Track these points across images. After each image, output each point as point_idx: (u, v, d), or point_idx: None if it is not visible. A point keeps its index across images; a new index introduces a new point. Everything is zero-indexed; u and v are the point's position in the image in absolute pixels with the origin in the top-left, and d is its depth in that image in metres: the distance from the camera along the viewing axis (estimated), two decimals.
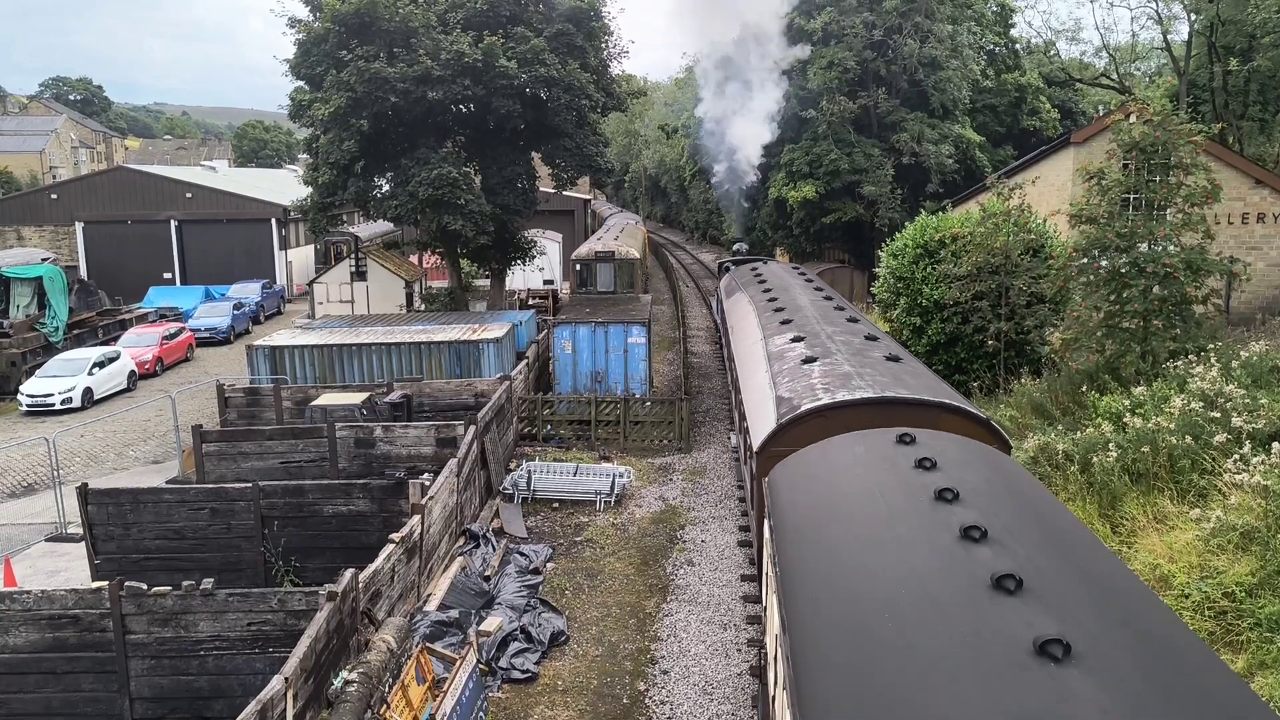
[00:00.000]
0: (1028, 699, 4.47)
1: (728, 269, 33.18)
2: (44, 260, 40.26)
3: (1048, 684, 4.50)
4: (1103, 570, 6.09)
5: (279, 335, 26.58)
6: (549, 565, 16.05)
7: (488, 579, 14.95)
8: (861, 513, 7.47)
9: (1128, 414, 14.82)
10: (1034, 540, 6.38)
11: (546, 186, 33.68)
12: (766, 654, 8.94)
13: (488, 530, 16.69)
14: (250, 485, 14.94)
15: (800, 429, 11.03)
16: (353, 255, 38.33)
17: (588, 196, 56.30)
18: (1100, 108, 49.04)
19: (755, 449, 11.71)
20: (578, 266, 33.00)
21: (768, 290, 22.29)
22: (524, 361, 24.87)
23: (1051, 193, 27.66)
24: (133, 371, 31.24)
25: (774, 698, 7.40)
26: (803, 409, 11.36)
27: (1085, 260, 18.85)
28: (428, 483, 15.09)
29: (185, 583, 11.30)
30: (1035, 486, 8.13)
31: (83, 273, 47.70)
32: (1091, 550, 6.51)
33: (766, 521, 9.08)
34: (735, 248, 38.75)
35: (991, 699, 4.44)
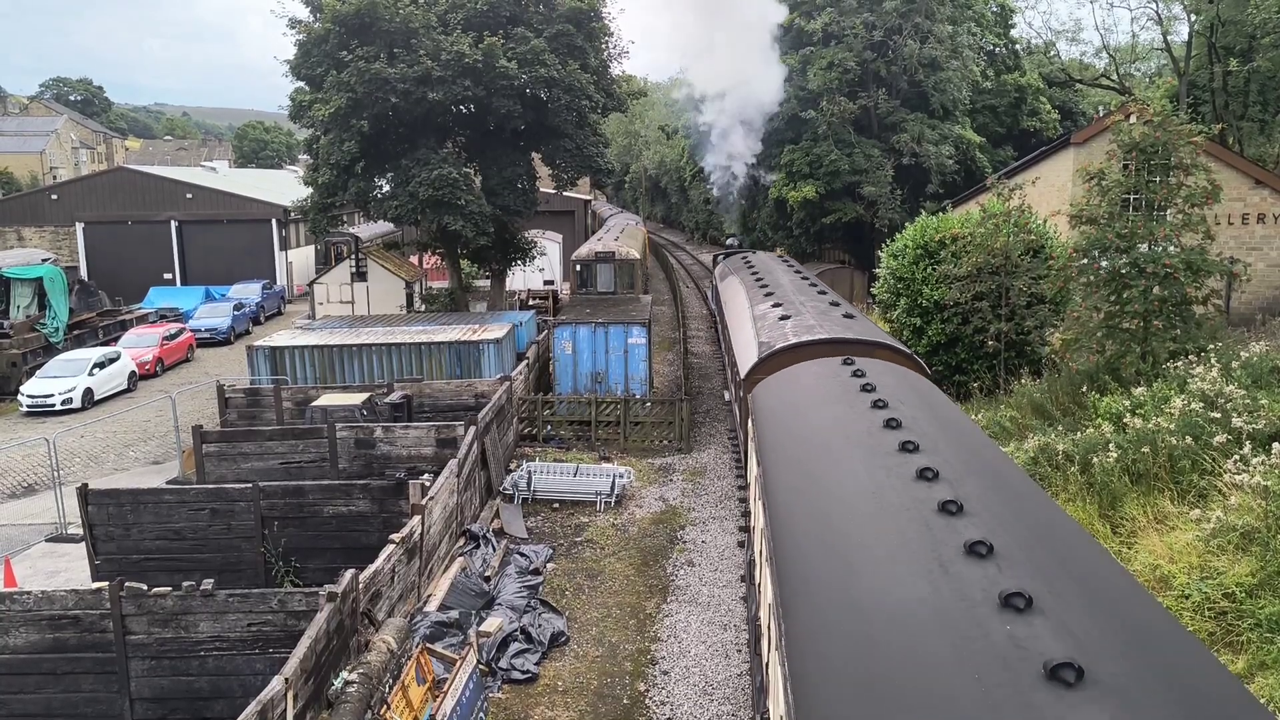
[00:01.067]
0: (893, 467, 7.84)
1: (721, 258, 37.33)
2: (44, 261, 40.29)
3: (907, 458, 7.90)
4: (950, 420, 9.94)
5: (279, 336, 26.58)
6: (549, 566, 16.05)
7: (488, 579, 14.95)
8: (812, 403, 11.19)
9: (1128, 414, 14.83)
10: (915, 407, 10.04)
11: (547, 187, 33.69)
12: (749, 492, 13.53)
13: (488, 531, 16.69)
14: (250, 486, 14.94)
15: (775, 360, 14.40)
16: (353, 256, 38.34)
17: (588, 197, 56.33)
18: (1100, 108, 49.02)
19: (743, 376, 15.42)
20: (578, 267, 33.00)
21: (755, 273, 25.98)
22: (524, 362, 24.88)
23: (1052, 193, 27.67)
24: (133, 372, 31.24)
25: (753, 512, 11.76)
26: (777, 347, 14.94)
27: (1085, 261, 18.85)
28: (428, 483, 15.10)
29: (185, 583, 11.30)
30: (928, 386, 12.11)
31: (83, 273, 47.70)
32: (951, 412, 10.53)
33: (750, 420, 12.80)
34: (728, 242, 43.98)
35: (869, 470, 7.90)
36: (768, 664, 7.26)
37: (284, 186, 56.37)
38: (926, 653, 5.15)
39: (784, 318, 17.13)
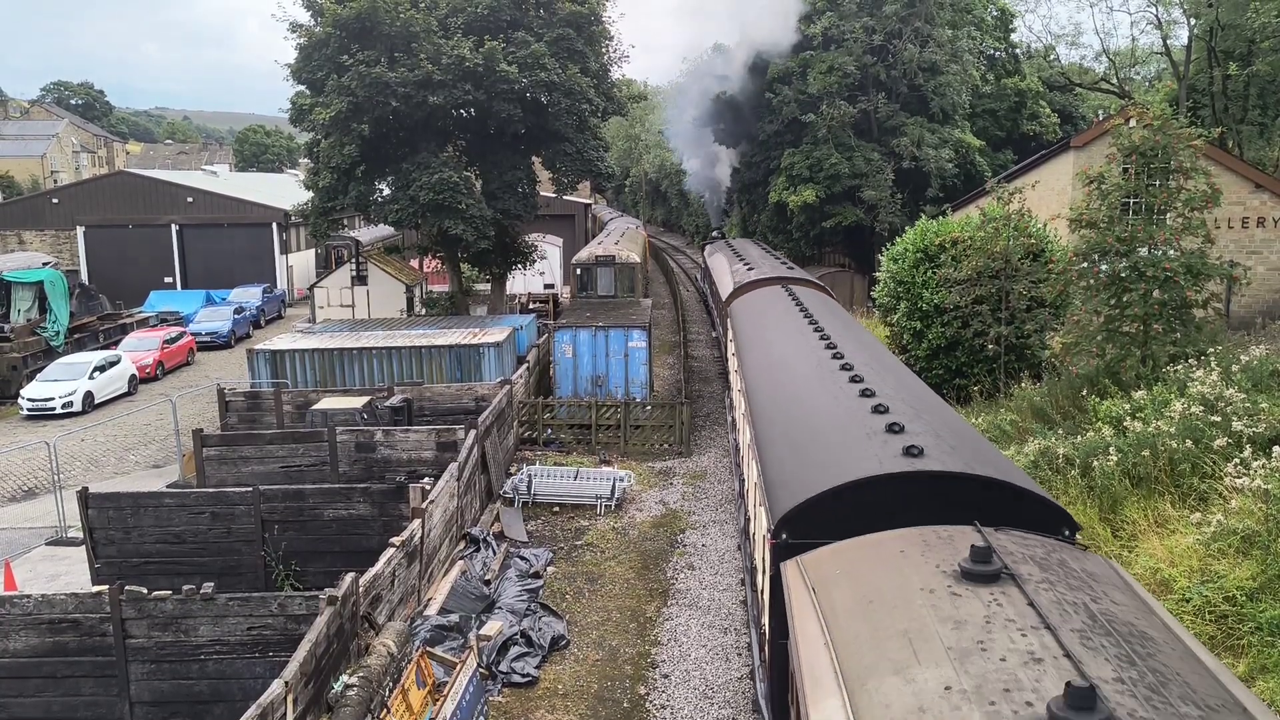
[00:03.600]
0: (803, 329, 16.10)
1: (708, 243, 50.68)
2: (45, 264, 40.35)
3: (813, 329, 15.68)
4: (834, 309, 20.23)
5: (280, 339, 26.58)
6: (549, 569, 16.04)
7: (488, 583, 14.94)
8: (765, 310, 19.76)
9: (1128, 418, 14.83)
10: (817, 304, 19.57)
11: (547, 191, 33.70)
12: (728, 368, 22.53)
13: (488, 534, 16.69)
14: (251, 489, 14.94)
15: (743, 289, 24.42)
16: (353, 259, 38.36)
17: (588, 201, 56.42)
18: (1100, 112, 49.11)
19: (724, 299, 26.11)
20: (578, 271, 33.03)
21: (733, 248, 38.76)
22: (524, 366, 24.88)
23: (1051, 197, 27.70)
24: (133, 375, 31.25)
25: (730, 368, 20.67)
26: (744, 281, 25.18)
27: (1085, 264, 18.86)
28: (428, 487, 15.09)
29: (185, 587, 11.29)
30: (826, 298, 22.44)
31: (84, 277, 47.74)
32: (835, 307, 21.20)
33: (729, 320, 22.34)
34: (712, 234, 58.43)
35: (789, 335, 16.05)
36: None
37: (284, 190, 56.42)
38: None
39: (749, 269, 28.51)
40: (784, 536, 7.82)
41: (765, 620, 8.90)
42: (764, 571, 8.90)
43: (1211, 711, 4.63)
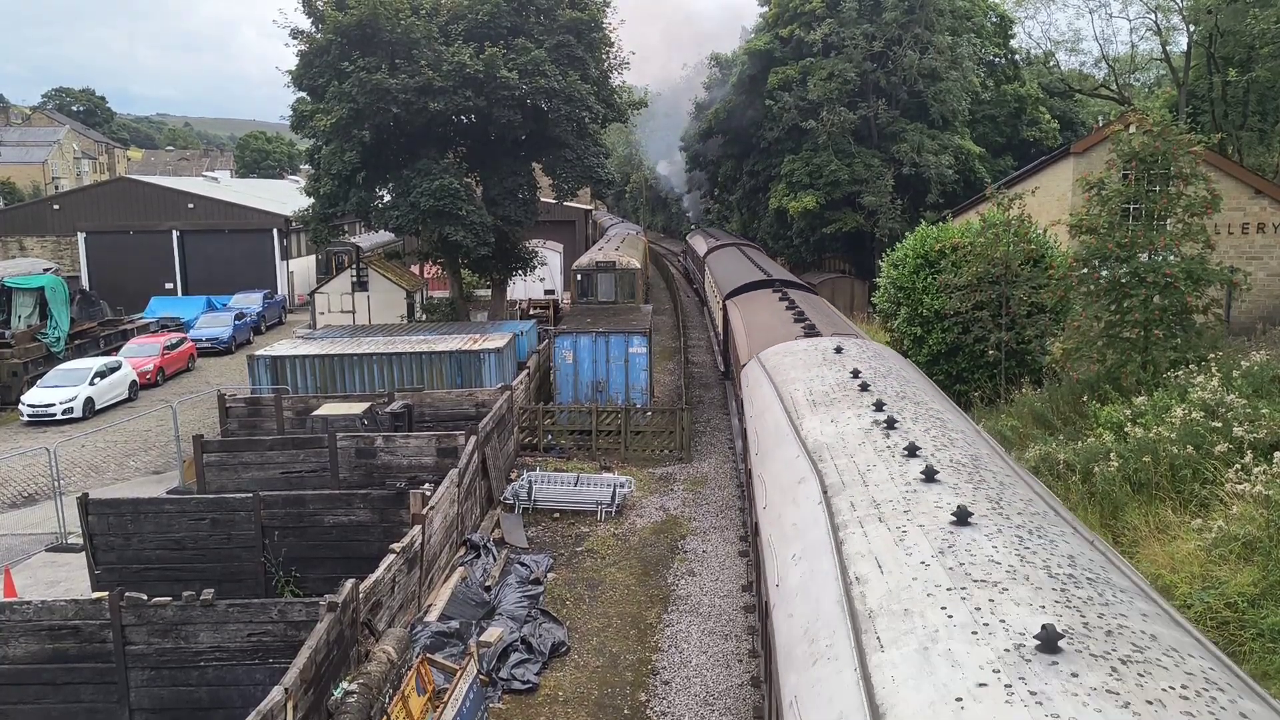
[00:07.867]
0: (757, 272, 31.78)
1: (689, 234, 70.61)
2: (46, 270, 40.37)
3: (756, 265, 35.38)
4: (760, 257, 41.96)
5: (280, 345, 26.58)
6: (550, 575, 16.02)
7: (488, 589, 14.92)
8: (726, 257, 40.00)
9: (1129, 424, 14.82)
10: (758, 255, 41.99)
11: (548, 197, 33.71)
12: (706, 292, 42.64)
13: (488, 540, 16.67)
14: (251, 495, 14.92)
15: (714, 250, 44.45)
16: (354, 265, 38.37)
17: (589, 207, 56.45)
18: (1100, 118, 49.21)
19: (701, 256, 47.30)
20: (579, 277, 33.06)
21: (708, 233, 59.09)
22: (525, 371, 24.87)
23: (1051, 203, 27.73)
24: (134, 381, 31.24)
25: (708, 288, 40.58)
26: (714, 246, 46.43)
27: (1085, 270, 18.88)
28: (428, 493, 15.08)
29: (185, 593, 11.27)
30: (766, 257, 43.63)
31: (85, 283, 47.75)
32: (764, 254, 45.35)
33: (707, 268, 40.96)
34: (692, 226, 74.07)
35: (736, 263, 37.33)
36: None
37: (285, 196, 56.42)
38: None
39: (718, 241, 48.02)
40: (727, 300, 24.85)
41: (719, 328, 30.57)
42: (719, 312, 30.29)
43: (848, 336, 16.30)
